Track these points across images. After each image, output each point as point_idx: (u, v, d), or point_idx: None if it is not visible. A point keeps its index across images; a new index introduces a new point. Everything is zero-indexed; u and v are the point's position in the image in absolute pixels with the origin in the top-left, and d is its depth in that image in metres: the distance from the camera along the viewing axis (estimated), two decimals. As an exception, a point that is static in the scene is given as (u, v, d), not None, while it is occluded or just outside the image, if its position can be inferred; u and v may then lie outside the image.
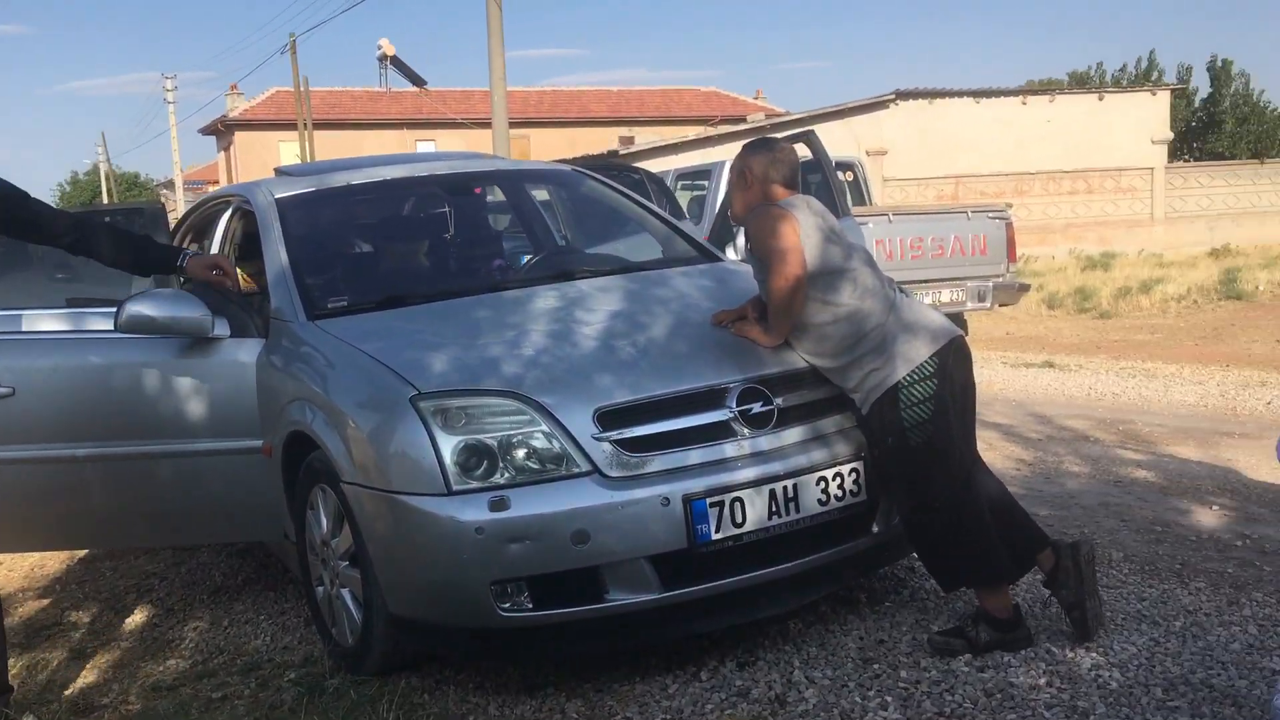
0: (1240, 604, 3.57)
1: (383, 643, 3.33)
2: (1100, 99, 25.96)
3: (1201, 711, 2.84)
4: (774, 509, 3.21)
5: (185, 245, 4.96)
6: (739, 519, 3.15)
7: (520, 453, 3.07)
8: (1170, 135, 26.75)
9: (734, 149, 3.80)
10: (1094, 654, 3.21)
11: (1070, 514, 4.79)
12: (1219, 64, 33.35)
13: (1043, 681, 3.06)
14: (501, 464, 3.06)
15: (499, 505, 2.98)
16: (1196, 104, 33.23)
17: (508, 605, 3.04)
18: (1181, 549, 4.22)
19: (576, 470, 3.07)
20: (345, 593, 3.48)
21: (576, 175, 5.27)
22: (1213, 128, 32.50)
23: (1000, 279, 10.62)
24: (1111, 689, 2.99)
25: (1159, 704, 2.89)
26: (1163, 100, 26.42)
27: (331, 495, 3.43)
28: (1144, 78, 33.92)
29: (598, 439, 3.10)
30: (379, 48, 36.38)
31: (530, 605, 3.05)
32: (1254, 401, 7.36)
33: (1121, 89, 28.16)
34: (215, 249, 4.82)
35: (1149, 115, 25.84)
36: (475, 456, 3.06)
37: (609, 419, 3.14)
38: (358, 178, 4.76)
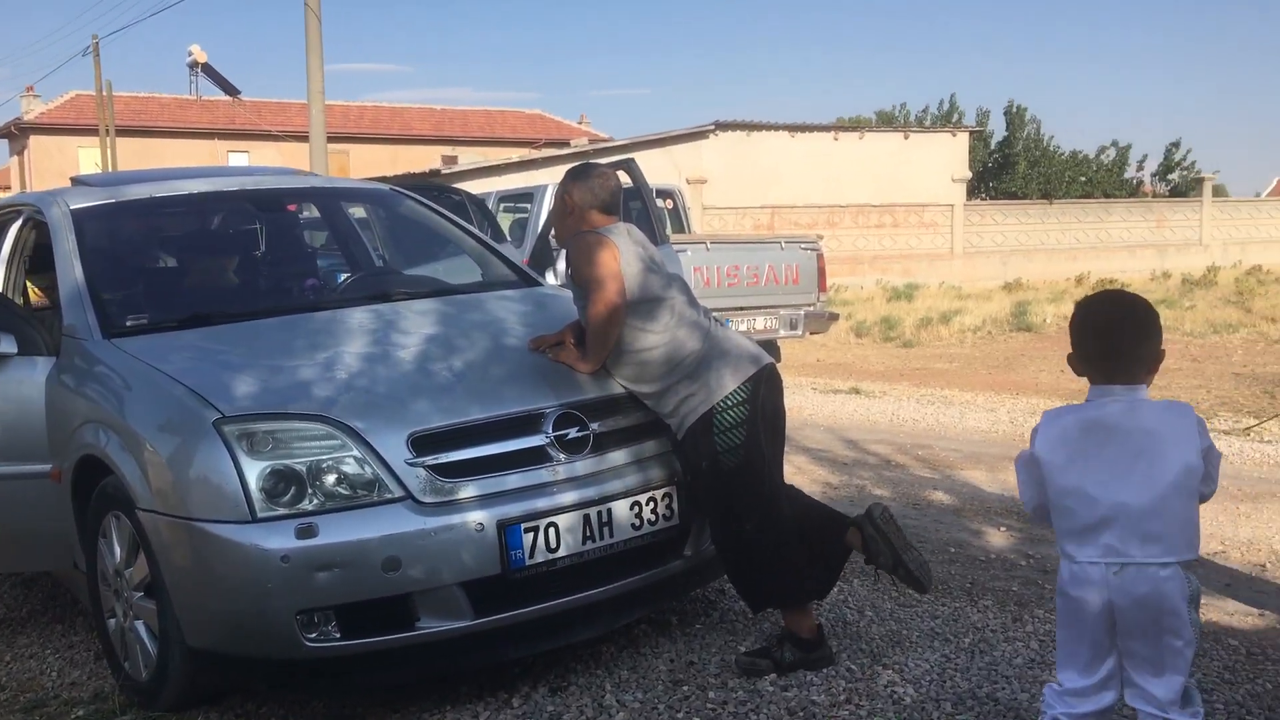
0: (1023, 620, 3.79)
1: (179, 676, 3.19)
2: (906, 138, 27.29)
3: (987, 723, 3.00)
4: (588, 534, 3.24)
5: None
6: (553, 544, 3.16)
7: (330, 478, 3.00)
8: (969, 174, 28.33)
9: (558, 172, 3.84)
10: (890, 671, 3.36)
11: (872, 536, 4.99)
12: (1014, 109, 35.51)
13: (843, 699, 3.18)
14: (310, 490, 2.98)
15: (306, 532, 2.90)
16: (993, 146, 35.25)
17: (314, 635, 2.96)
18: (972, 569, 4.46)
19: (389, 496, 3.02)
20: (139, 625, 3.32)
21: (395, 195, 5.20)
22: (1007, 169, 34.53)
23: (811, 308, 10.99)
24: (905, 704, 3.13)
25: (948, 717, 3.05)
26: (962, 141, 27.99)
27: (126, 523, 3.27)
28: (945, 119, 35.78)
29: (411, 464, 3.06)
30: (189, 54, 35.08)
31: (338, 635, 2.98)
32: (1040, 428, 7.83)
33: (925, 129, 29.63)
34: (3, 261, 4.53)
35: (950, 155, 27.34)
36: (282, 482, 2.97)
37: (423, 444, 3.10)
38: (162, 190, 4.57)
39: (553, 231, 3.93)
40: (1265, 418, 8.01)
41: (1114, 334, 2.44)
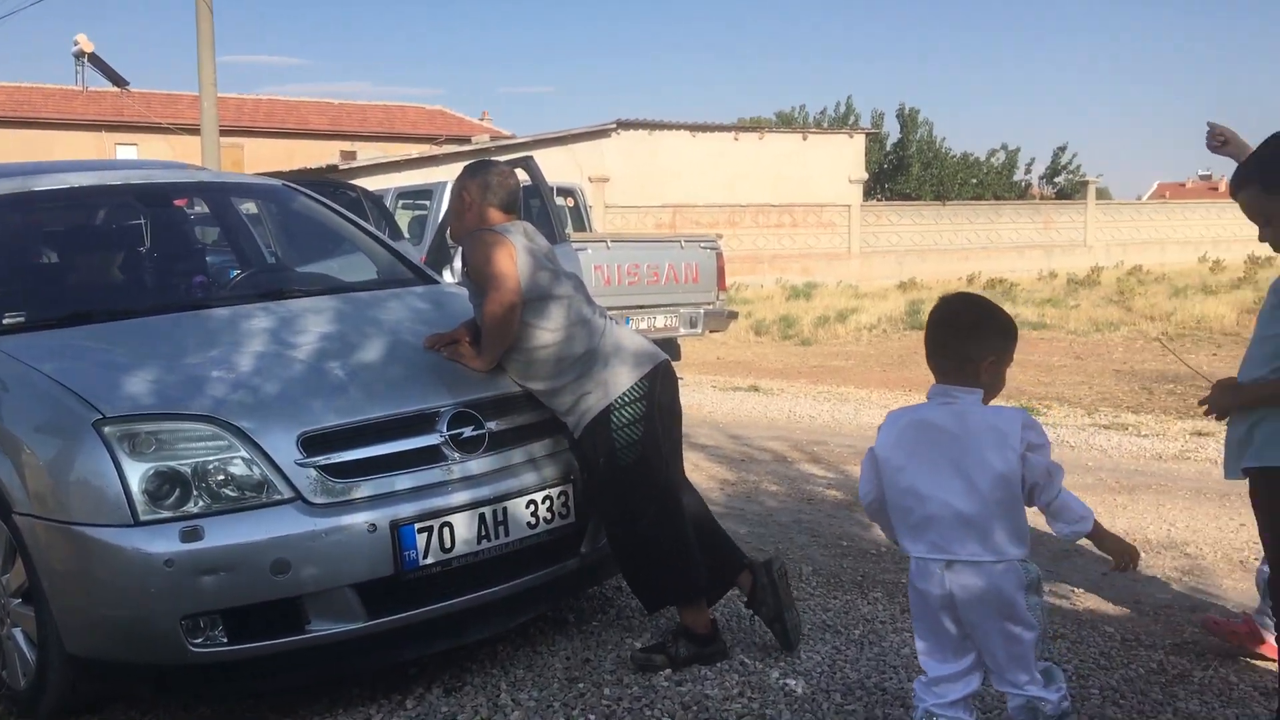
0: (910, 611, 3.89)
1: (60, 684, 3.09)
2: (804, 139, 27.72)
3: (875, 714, 3.08)
4: (483, 533, 3.23)
5: None
6: (448, 544, 3.15)
7: (217, 480, 2.94)
8: (865, 176, 28.91)
9: (458, 169, 3.82)
10: (782, 664, 3.42)
11: (768, 531, 5.08)
12: (907, 112, 36.37)
13: (735, 692, 3.23)
14: (195, 492, 2.91)
15: (191, 535, 2.84)
16: (888, 148, 36.05)
17: (200, 640, 2.90)
18: (863, 562, 4.56)
19: (278, 498, 2.97)
20: (17, 632, 3.21)
21: (287, 190, 5.11)
22: (901, 170, 35.37)
23: (711, 306, 11.11)
24: (797, 696, 3.20)
25: (838, 708, 3.12)
26: (859, 143, 28.53)
27: (2, 528, 3.16)
28: (842, 121, 36.48)
29: (301, 465, 3.01)
30: (75, 43, 33.80)
31: (225, 639, 2.92)
32: (931, 424, 8.03)
33: (823, 130, 30.13)
34: None
35: (847, 156, 27.85)
36: (166, 484, 2.90)
37: (314, 444, 3.06)
38: (42, 184, 4.41)
39: (449, 229, 3.91)
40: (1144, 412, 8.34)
41: (941, 332, 2.57)
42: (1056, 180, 37.76)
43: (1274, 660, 3.25)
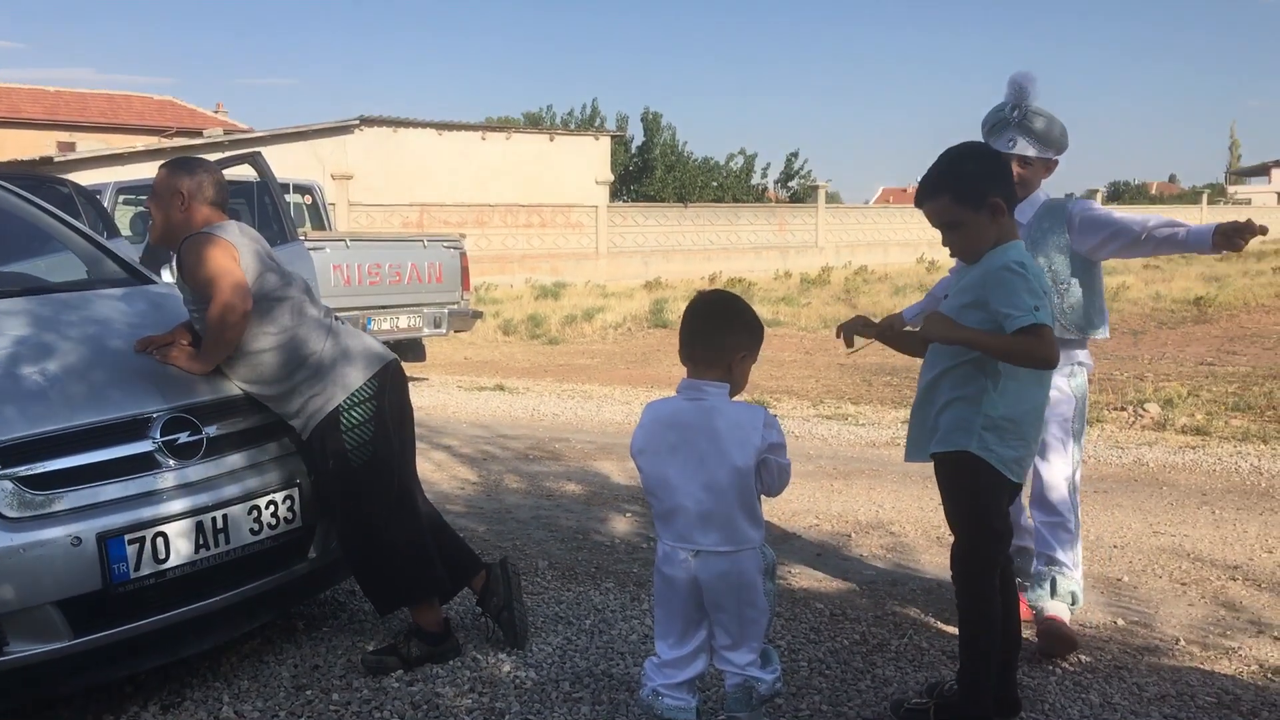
0: (640, 599, 4.04)
1: None
2: (551, 140, 27.95)
3: (601, 699, 3.19)
4: (202, 542, 3.13)
5: None
6: (162, 555, 3.03)
7: (-105, 497, 2.71)
8: (611, 177, 29.43)
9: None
10: (514, 657, 3.48)
11: (506, 528, 5.14)
12: (650, 116, 37.27)
13: (467, 688, 3.26)
14: None
15: None
16: (633, 150, 36.82)
17: (-122, 671, 2.67)
18: (598, 554, 4.69)
19: (-33, 513, 2.77)
20: None
21: (-19, 184, 4.73)
22: (646, 172, 36.20)
23: (455, 306, 11.06)
24: (527, 688, 3.26)
25: (566, 696, 3.21)
26: (604, 145, 29.03)
27: None
28: (588, 123, 36.97)
29: (-5, 477, 2.82)
30: None
31: (-92, 668, 2.70)
32: (669, 419, 8.33)
33: (569, 131, 30.45)
34: None
35: (593, 157, 28.28)
36: None
37: (9, 455, 2.87)
38: None
39: (151, 233, 3.72)
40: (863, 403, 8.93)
41: (696, 325, 2.71)
42: (790, 184, 39.65)
43: (1029, 619, 3.55)
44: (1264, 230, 3.22)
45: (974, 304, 2.79)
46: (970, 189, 2.79)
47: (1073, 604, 3.62)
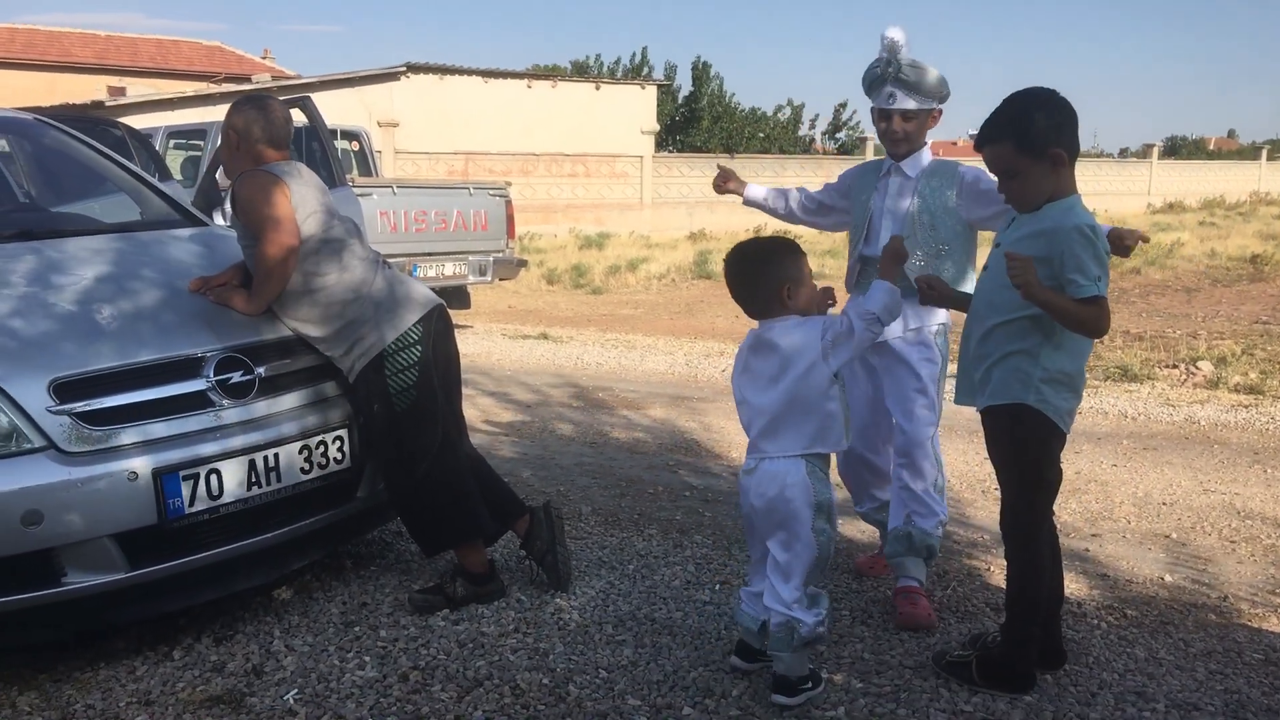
0: (683, 546, 4.07)
1: None
2: (597, 89, 27.73)
3: (644, 642, 3.22)
4: (254, 479, 3.18)
5: None
6: (215, 491, 3.08)
7: (-41, 429, 2.78)
8: (657, 127, 29.20)
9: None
10: (558, 599, 3.52)
11: (550, 473, 5.17)
12: (700, 65, 36.89)
13: (511, 628, 3.30)
14: (-65, 442, 2.75)
15: (-69, 487, 2.68)
16: (680, 100, 36.50)
17: (-56, 596, 2.75)
18: (641, 501, 4.72)
19: (28, 446, 2.83)
20: None
21: (39, 125, 4.79)
22: (693, 123, 35.90)
23: (500, 254, 11.08)
24: (570, 629, 3.30)
25: (609, 638, 3.24)
26: (651, 94, 28.77)
27: None
28: (636, 72, 36.66)
29: (54, 412, 2.88)
30: None
31: (-27, 594, 2.78)
32: (712, 370, 8.34)
33: (616, 81, 30.22)
34: None
35: (639, 107, 28.04)
36: (-98, 434, 2.72)
37: (68, 390, 2.93)
38: None
39: (221, 169, 3.77)
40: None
41: (729, 287, 2.90)
42: (838, 136, 39.19)
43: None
44: (1146, 239, 3.12)
45: (1043, 259, 2.71)
46: (1035, 137, 2.73)
47: (928, 558, 3.53)
